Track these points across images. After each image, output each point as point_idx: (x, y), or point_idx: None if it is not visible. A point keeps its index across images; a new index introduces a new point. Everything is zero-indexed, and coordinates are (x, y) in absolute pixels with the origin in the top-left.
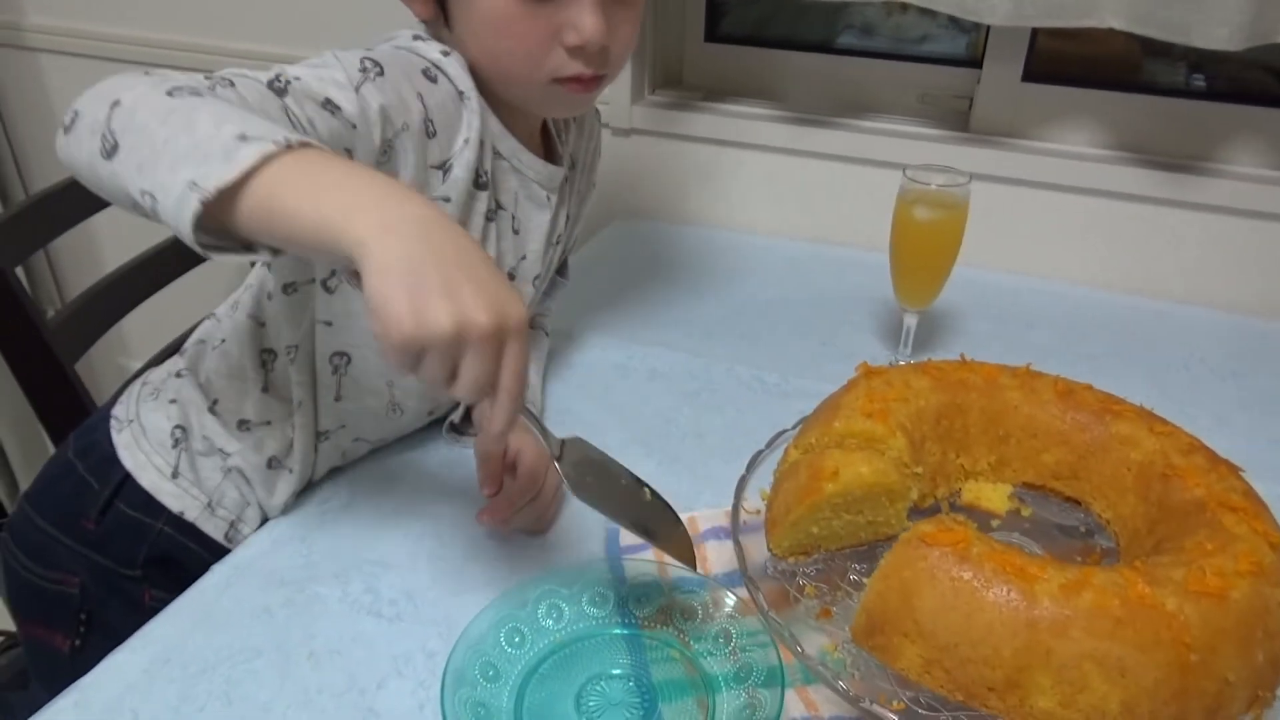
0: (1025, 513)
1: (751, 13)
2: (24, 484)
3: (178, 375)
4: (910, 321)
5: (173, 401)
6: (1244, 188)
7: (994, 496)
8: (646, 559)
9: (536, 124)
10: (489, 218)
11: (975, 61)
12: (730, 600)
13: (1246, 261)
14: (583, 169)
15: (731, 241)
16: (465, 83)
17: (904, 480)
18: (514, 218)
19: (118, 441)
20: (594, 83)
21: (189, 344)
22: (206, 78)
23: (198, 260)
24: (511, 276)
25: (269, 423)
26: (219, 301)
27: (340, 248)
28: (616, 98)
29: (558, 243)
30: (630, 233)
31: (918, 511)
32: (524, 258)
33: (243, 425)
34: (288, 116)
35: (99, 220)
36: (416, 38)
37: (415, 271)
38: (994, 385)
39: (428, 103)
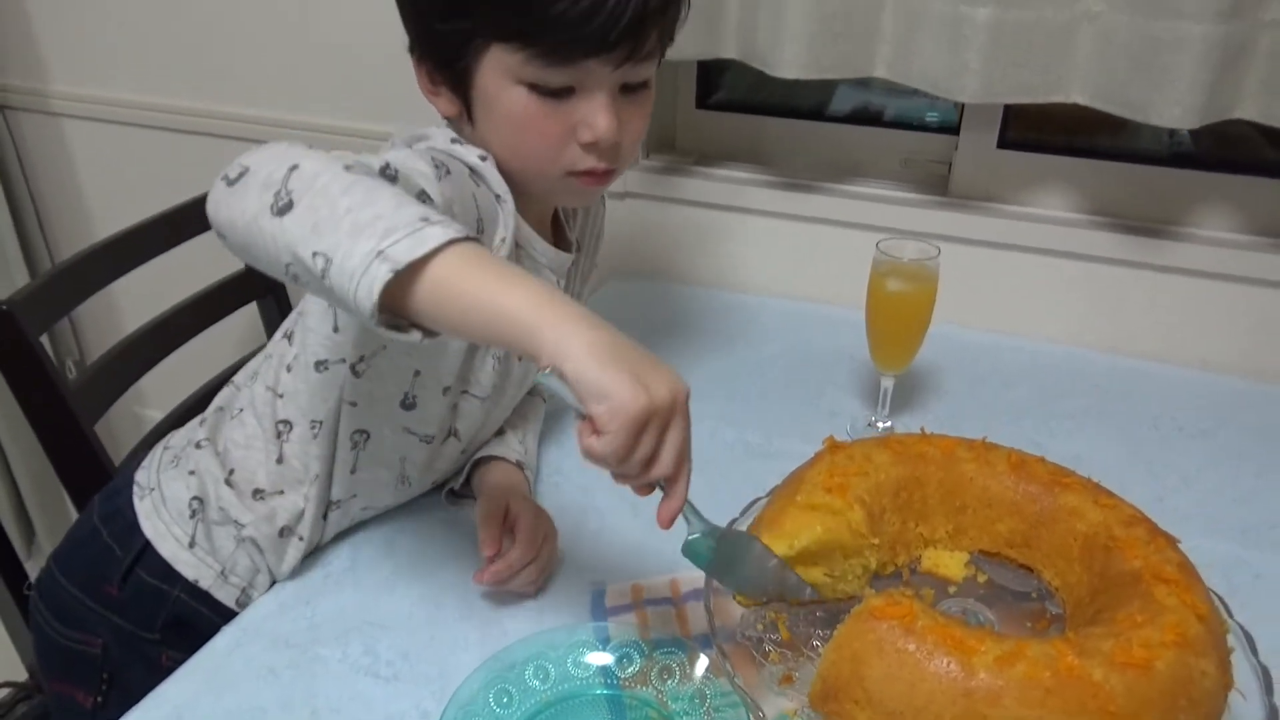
0: (981, 579)
1: (742, 80)
2: (41, 536)
3: (198, 446)
4: (887, 384)
5: (192, 473)
6: (1213, 251)
7: (951, 564)
8: (629, 620)
9: (548, 211)
10: None
11: (954, 128)
12: (704, 662)
13: (1217, 322)
14: (588, 251)
15: (722, 301)
16: (501, 186)
17: (856, 540)
18: None
19: (139, 509)
20: (606, 176)
21: (209, 412)
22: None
23: (214, 319)
24: (519, 358)
25: (281, 492)
26: (233, 356)
27: (523, 337)
28: None
29: None
30: (625, 293)
31: (880, 579)
32: None
33: (257, 494)
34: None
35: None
36: (454, 141)
37: (618, 355)
38: (952, 458)
39: (479, 203)
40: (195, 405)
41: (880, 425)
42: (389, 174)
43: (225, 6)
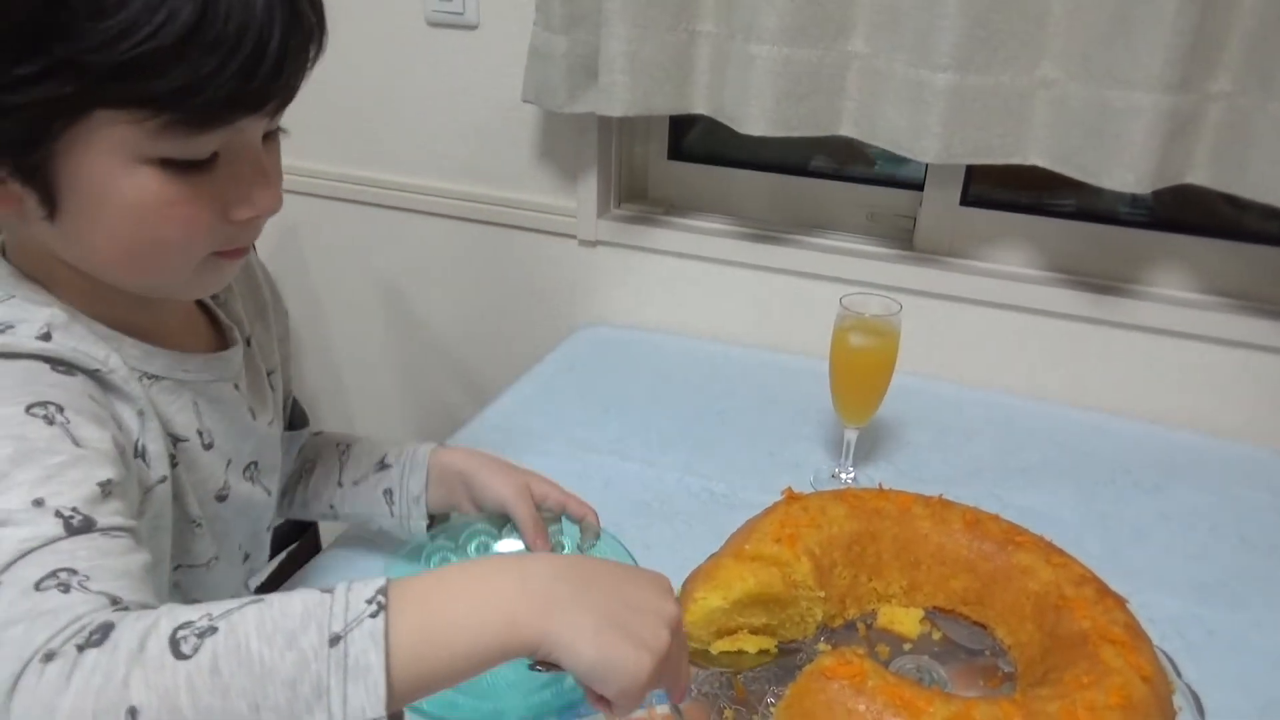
0: (936, 635)
1: (713, 131)
2: None
3: None
4: (850, 436)
5: None
6: (1169, 310)
7: (906, 621)
8: None
9: (188, 314)
10: (173, 463)
11: (918, 184)
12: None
13: (1172, 378)
14: (270, 307)
15: (690, 349)
16: (95, 351)
17: (789, 591)
18: (199, 434)
19: None
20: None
21: None
22: (61, 587)
23: None
24: (221, 498)
25: None
26: None
27: (515, 652)
28: (583, 211)
29: (273, 420)
30: (593, 340)
31: (833, 631)
32: (230, 462)
33: None
34: (120, 525)
35: None
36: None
37: (603, 628)
38: (907, 514)
39: (95, 398)
40: None
41: (844, 477)
42: (76, 526)
43: None
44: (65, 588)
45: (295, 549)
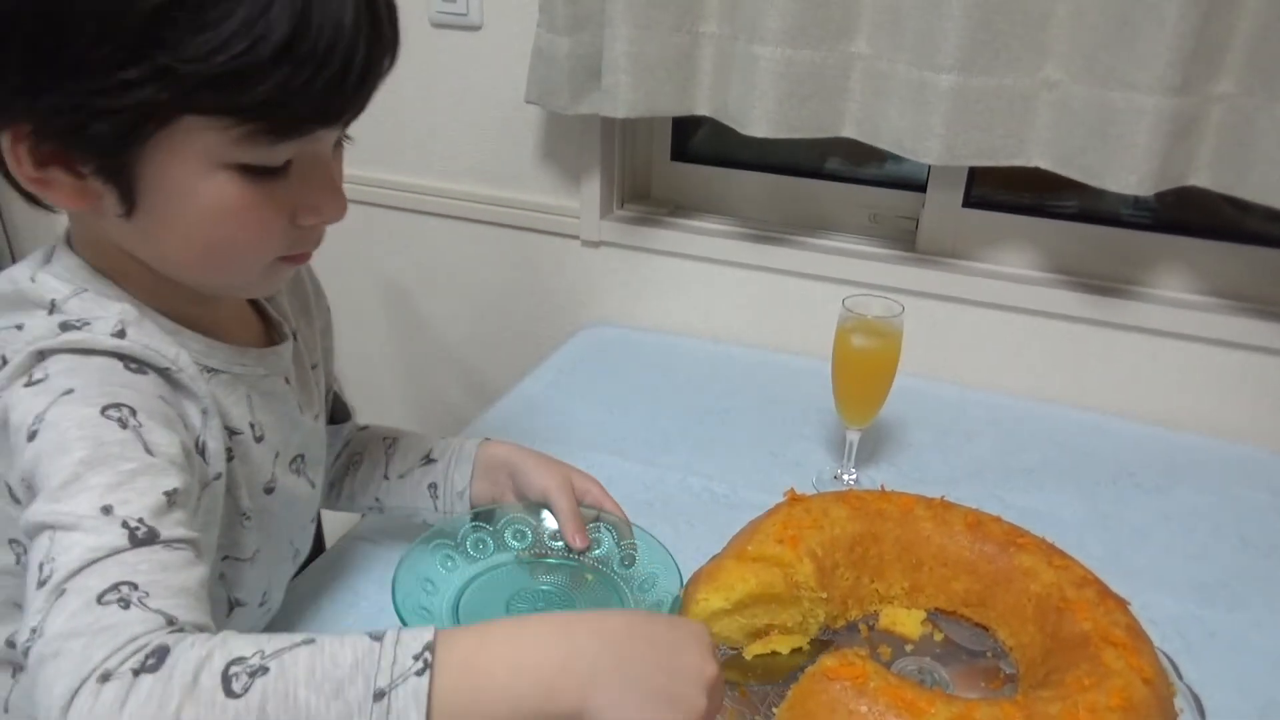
0: (938, 637)
1: (717, 132)
2: None
3: None
4: (852, 437)
5: None
6: (1170, 311)
7: (908, 622)
8: None
9: (241, 309)
10: (229, 458)
11: (921, 186)
12: None
13: (1171, 379)
14: (312, 302)
15: (692, 350)
16: (166, 349)
17: (790, 590)
18: (252, 426)
19: None
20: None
21: None
22: (121, 603)
23: None
24: (269, 491)
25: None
26: None
27: (553, 719)
28: (586, 212)
29: (318, 414)
30: (595, 340)
31: (835, 632)
32: (278, 455)
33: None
34: (182, 537)
35: None
36: (64, 325)
37: (643, 702)
38: (909, 516)
39: (165, 398)
40: None
41: (846, 478)
42: (142, 537)
43: None
44: (125, 603)
45: None
